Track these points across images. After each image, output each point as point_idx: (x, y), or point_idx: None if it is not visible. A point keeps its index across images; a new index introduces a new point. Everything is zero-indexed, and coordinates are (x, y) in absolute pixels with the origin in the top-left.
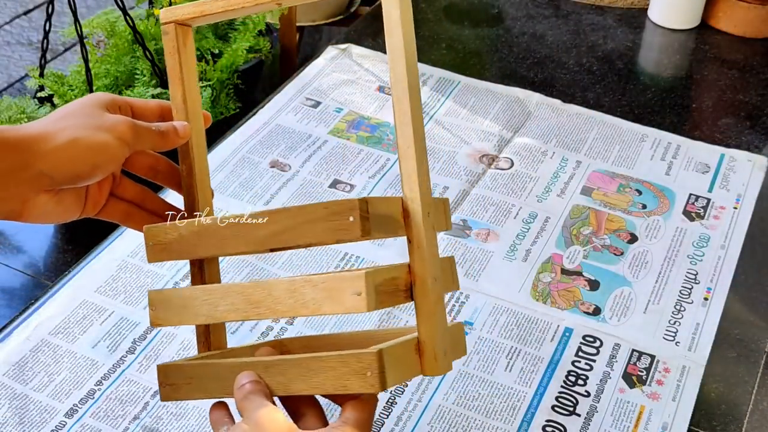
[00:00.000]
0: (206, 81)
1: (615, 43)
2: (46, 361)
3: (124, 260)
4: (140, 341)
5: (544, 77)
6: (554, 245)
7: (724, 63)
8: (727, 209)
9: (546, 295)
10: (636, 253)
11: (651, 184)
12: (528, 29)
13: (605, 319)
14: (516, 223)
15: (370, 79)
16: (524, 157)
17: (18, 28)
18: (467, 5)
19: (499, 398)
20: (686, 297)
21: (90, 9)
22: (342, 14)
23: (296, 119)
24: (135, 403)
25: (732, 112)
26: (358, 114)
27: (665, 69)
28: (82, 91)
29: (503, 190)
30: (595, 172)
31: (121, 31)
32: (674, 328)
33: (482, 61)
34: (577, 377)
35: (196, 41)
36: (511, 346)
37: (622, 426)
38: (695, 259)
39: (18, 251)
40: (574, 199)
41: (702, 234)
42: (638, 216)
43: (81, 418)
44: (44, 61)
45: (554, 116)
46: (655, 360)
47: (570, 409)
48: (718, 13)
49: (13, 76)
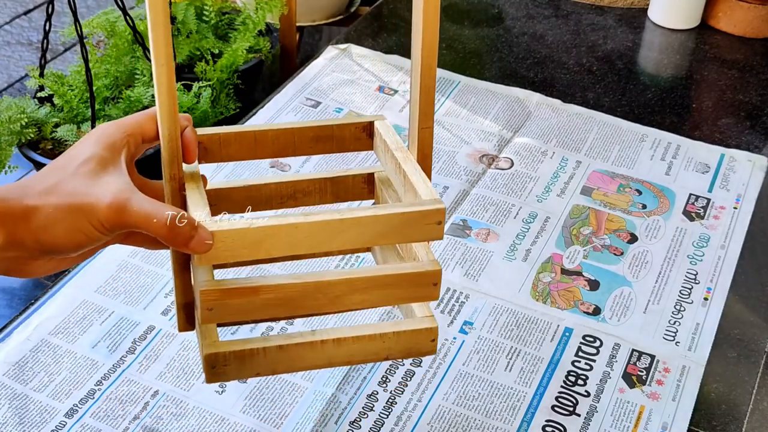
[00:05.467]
0: (206, 81)
1: (615, 43)
2: (46, 361)
3: (124, 260)
4: (140, 341)
5: (544, 77)
6: (554, 245)
7: (724, 63)
8: (727, 209)
9: (546, 295)
10: (636, 253)
11: (651, 184)
12: (528, 29)
13: (605, 319)
14: (516, 223)
15: (370, 79)
16: (524, 157)
17: (18, 28)
18: (467, 5)
19: (499, 398)
20: (686, 297)
21: (90, 9)
22: (342, 14)
23: (296, 119)
24: (135, 403)
25: (732, 112)
26: (358, 114)
27: (665, 69)
28: (82, 91)
29: (503, 190)
30: (595, 172)
31: (121, 31)
32: (674, 328)
33: (482, 61)
34: (577, 377)
35: (196, 41)
36: (511, 346)
37: (622, 426)
38: (695, 259)
39: None
40: (574, 199)
41: (702, 234)
42: (638, 216)
43: (81, 418)
44: (44, 61)
45: (554, 116)
46: (655, 360)
47: (570, 409)
48: (718, 13)
49: (13, 76)
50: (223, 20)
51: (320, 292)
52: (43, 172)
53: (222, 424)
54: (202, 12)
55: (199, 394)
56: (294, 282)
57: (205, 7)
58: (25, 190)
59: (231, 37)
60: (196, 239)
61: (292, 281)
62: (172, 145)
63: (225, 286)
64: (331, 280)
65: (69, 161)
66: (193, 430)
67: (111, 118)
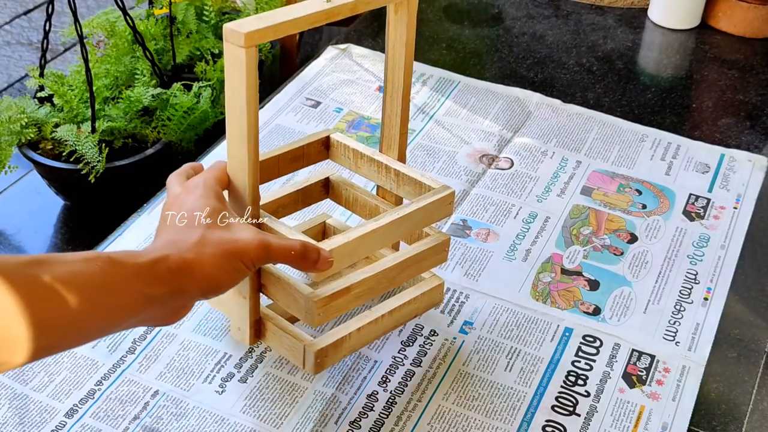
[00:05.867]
0: (206, 81)
1: (615, 43)
2: (46, 361)
3: None
4: (140, 341)
5: (544, 77)
6: (554, 245)
7: (724, 63)
8: (727, 209)
9: (546, 295)
10: (636, 253)
11: (651, 184)
12: (528, 29)
13: (605, 319)
14: (516, 223)
15: (370, 79)
16: (524, 157)
17: (18, 28)
18: (467, 5)
19: (499, 398)
20: (686, 297)
21: (90, 9)
22: None
23: (296, 119)
24: (135, 403)
25: (732, 112)
26: (358, 114)
27: (665, 69)
28: (82, 91)
29: (503, 190)
30: (595, 172)
31: (121, 31)
32: (674, 328)
33: (482, 61)
34: (577, 377)
35: (196, 41)
36: (510, 346)
37: (622, 426)
38: (695, 259)
39: (18, 251)
40: (574, 199)
41: (702, 234)
42: (638, 216)
43: (81, 418)
44: (44, 61)
45: (554, 116)
46: (655, 360)
47: (570, 409)
48: (718, 13)
49: (13, 76)
50: (223, 20)
51: (385, 277)
52: (173, 228)
53: (222, 424)
54: (202, 12)
55: (199, 394)
56: (370, 275)
57: (205, 7)
58: (178, 245)
59: None
60: (321, 261)
61: (368, 274)
62: (254, 193)
63: (329, 293)
64: (391, 266)
65: (195, 216)
66: (193, 430)
67: (111, 118)
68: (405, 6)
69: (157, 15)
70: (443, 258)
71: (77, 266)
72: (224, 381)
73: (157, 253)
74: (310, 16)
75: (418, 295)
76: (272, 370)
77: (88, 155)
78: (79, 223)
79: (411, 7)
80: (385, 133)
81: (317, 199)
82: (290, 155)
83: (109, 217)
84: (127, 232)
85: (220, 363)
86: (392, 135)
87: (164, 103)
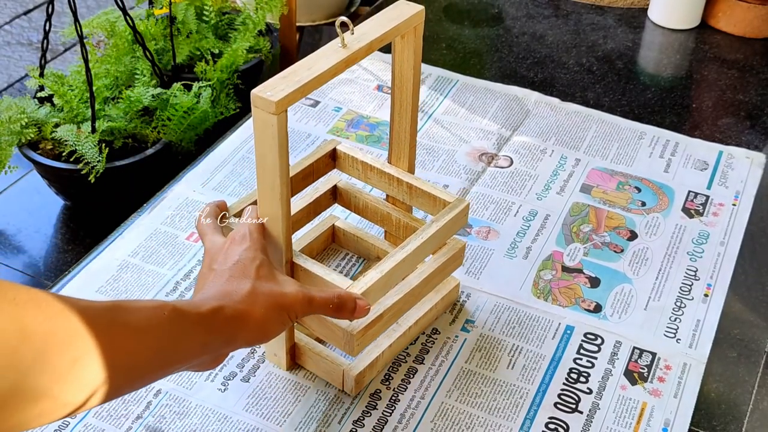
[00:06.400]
0: (206, 81)
1: (615, 43)
2: None
3: (125, 260)
4: None
5: (544, 77)
6: (554, 243)
7: (724, 63)
8: (725, 206)
9: (547, 292)
10: (636, 250)
11: (650, 181)
12: (528, 29)
13: (606, 317)
14: (516, 221)
15: (369, 78)
16: (523, 156)
17: (18, 28)
18: (467, 5)
19: (501, 395)
20: (686, 293)
21: (90, 9)
22: (342, 14)
23: (295, 118)
24: (138, 403)
25: (732, 111)
26: (357, 113)
27: (665, 69)
28: (82, 91)
29: (503, 188)
30: (594, 169)
31: (121, 31)
32: (675, 325)
33: (482, 61)
34: (579, 374)
35: (196, 41)
36: (512, 344)
37: (625, 423)
38: (695, 256)
39: (18, 251)
40: (573, 197)
41: (701, 231)
42: (638, 213)
43: (84, 418)
44: (44, 61)
45: (553, 114)
46: (656, 357)
47: (572, 407)
48: (717, 13)
49: (13, 76)
50: (223, 20)
51: (413, 295)
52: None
53: (225, 423)
54: (202, 12)
55: (202, 393)
56: (399, 297)
57: (205, 7)
58: (232, 296)
59: (231, 37)
60: (358, 310)
61: (398, 297)
62: (288, 242)
63: (365, 323)
64: (417, 284)
65: (244, 267)
66: (196, 428)
67: (111, 118)
68: (412, 33)
69: (157, 15)
70: (460, 262)
71: (149, 313)
72: (227, 380)
73: (214, 303)
74: (332, 68)
75: (438, 300)
76: (274, 370)
77: (88, 155)
78: (79, 223)
79: (417, 34)
80: (395, 146)
81: (326, 207)
82: (301, 175)
83: (109, 217)
84: (127, 232)
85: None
86: (402, 149)
87: (164, 103)
